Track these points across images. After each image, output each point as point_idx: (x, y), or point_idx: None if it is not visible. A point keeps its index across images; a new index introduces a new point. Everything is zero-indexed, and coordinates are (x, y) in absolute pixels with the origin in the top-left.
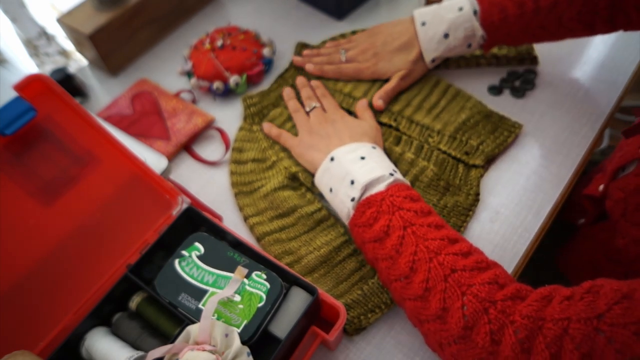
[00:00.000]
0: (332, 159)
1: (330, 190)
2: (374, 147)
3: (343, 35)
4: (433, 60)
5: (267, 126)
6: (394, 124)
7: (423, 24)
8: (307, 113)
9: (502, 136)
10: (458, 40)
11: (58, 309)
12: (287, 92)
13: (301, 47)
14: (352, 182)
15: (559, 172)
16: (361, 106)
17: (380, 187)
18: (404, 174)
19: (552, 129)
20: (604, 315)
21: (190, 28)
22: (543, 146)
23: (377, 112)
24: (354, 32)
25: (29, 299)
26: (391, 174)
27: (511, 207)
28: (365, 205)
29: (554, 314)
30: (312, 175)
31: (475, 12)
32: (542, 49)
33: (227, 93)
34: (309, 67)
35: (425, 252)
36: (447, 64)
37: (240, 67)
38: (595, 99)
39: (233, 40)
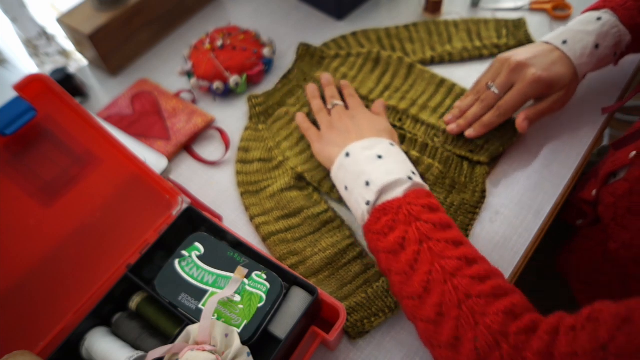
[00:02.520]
0: (347, 155)
1: (346, 188)
2: (392, 145)
3: (343, 37)
4: (583, 77)
5: (300, 117)
6: (398, 123)
7: (564, 42)
8: (329, 111)
9: (507, 135)
10: (607, 49)
11: (58, 309)
12: (312, 90)
13: (303, 49)
14: (368, 184)
15: (559, 172)
16: (379, 106)
17: (398, 193)
18: None
19: (552, 129)
20: (608, 345)
21: (190, 28)
22: (543, 146)
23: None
24: (354, 33)
25: (29, 299)
26: (409, 178)
27: (511, 207)
28: (381, 212)
29: (561, 348)
30: (326, 173)
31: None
32: None
33: (227, 93)
34: (469, 132)
35: (440, 273)
36: (452, 56)
37: (240, 67)
38: (596, 99)
39: (233, 40)
